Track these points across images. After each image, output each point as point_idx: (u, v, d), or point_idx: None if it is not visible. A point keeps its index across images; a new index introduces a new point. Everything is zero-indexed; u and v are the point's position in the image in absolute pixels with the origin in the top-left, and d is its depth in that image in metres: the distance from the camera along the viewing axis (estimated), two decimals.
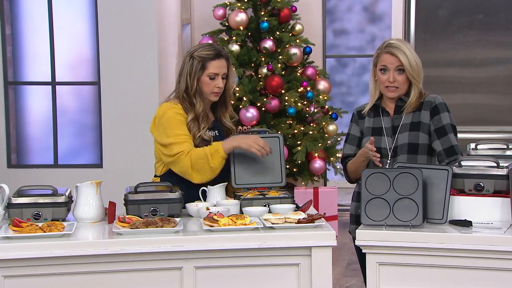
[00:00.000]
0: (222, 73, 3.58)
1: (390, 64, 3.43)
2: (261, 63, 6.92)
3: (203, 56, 3.56)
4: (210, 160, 3.42)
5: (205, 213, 3.16)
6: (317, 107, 7.05)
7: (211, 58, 3.56)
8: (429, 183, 3.05)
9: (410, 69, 3.41)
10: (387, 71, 3.44)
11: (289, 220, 3.06)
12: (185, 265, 2.95)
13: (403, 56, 3.41)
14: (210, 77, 3.56)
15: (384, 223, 3.00)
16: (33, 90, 7.13)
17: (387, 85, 3.45)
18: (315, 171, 6.98)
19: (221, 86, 3.57)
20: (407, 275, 2.96)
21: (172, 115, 3.53)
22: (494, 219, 3.03)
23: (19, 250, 2.86)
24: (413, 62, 3.42)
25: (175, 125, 3.51)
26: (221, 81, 3.57)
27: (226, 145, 3.44)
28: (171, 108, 3.56)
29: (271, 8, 7.03)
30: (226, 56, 3.62)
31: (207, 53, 3.56)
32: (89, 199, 3.24)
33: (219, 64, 3.57)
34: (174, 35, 7.28)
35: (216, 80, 3.56)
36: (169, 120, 3.52)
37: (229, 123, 3.71)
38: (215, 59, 3.56)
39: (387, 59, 3.44)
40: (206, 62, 3.56)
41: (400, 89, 3.45)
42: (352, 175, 3.56)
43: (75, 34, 7.04)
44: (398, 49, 3.42)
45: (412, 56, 3.42)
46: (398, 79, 3.43)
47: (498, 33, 7.03)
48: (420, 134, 3.45)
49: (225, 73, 3.59)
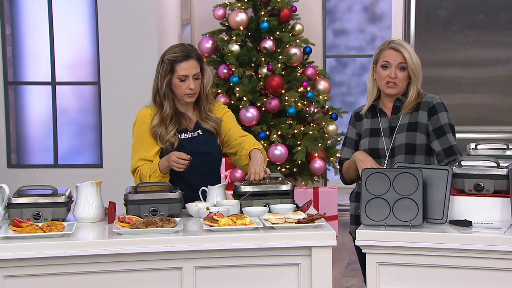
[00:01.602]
0: (192, 74, 3.54)
1: (393, 60, 3.44)
2: (261, 63, 6.92)
3: (171, 58, 3.55)
4: (151, 179, 3.47)
5: (205, 213, 3.16)
6: (317, 107, 7.05)
7: (179, 60, 3.54)
8: (429, 183, 3.05)
9: (412, 66, 3.42)
10: (389, 67, 3.45)
11: (289, 220, 3.06)
12: (185, 265, 2.95)
13: (406, 52, 3.43)
14: (180, 79, 3.54)
15: (384, 223, 3.00)
16: (33, 90, 7.13)
17: (387, 81, 3.45)
18: (315, 171, 6.98)
19: (193, 87, 3.54)
20: (407, 275, 2.96)
21: (136, 128, 3.62)
22: (494, 219, 3.03)
23: (19, 250, 2.86)
24: (415, 60, 3.45)
25: (136, 139, 3.61)
26: (192, 82, 3.53)
27: (161, 165, 3.49)
28: (141, 116, 3.63)
29: (271, 8, 7.03)
30: (197, 56, 3.56)
31: (176, 55, 3.54)
32: (89, 199, 3.24)
33: (188, 66, 3.53)
34: (174, 35, 7.28)
35: (187, 81, 3.54)
36: (135, 133, 3.62)
37: (211, 121, 3.63)
38: (183, 61, 3.53)
39: (390, 54, 3.45)
40: (175, 64, 3.54)
41: (399, 87, 3.46)
42: (345, 175, 3.58)
43: (75, 34, 7.04)
44: (401, 46, 3.44)
45: (413, 53, 3.45)
46: (399, 76, 3.44)
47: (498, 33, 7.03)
48: (418, 135, 3.45)
49: (196, 74, 3.54)
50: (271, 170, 6.80)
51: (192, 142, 3.60)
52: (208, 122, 3.63)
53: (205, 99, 3.63)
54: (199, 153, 3.55)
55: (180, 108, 3.63)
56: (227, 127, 3.67)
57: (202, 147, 3.60)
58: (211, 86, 3.62)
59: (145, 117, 3.61)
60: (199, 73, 3.56)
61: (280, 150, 6.74)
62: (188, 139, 3.60)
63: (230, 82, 6.89)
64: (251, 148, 3.52)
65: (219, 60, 7.16)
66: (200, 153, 3.57)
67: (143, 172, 3.51)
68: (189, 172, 3.48)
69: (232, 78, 6.86)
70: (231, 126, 3.68)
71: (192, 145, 3.58)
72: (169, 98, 3.57)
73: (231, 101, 6.97)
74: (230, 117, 3.72)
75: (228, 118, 3.71)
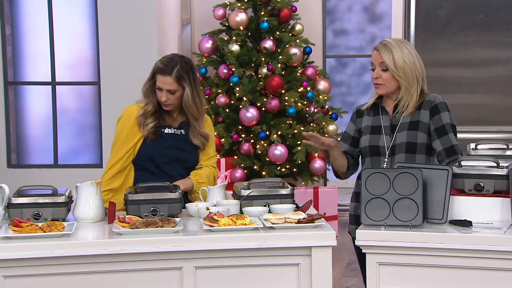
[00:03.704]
0: (165, 89, 3.63)
1: (375, 61, 3.48)
2: (261, 63, 6.92)
3: (155, 66, 3.69)
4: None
5: (205, 213, 3.16)
6: (317, 107, 7.05)
7: (158, 71, 3.66)
8: (429, 183, 3.05)
9: (393, 67, 3.42)
10: (374, 68, 3.47)
11: (289, 220, 3.06)
12: (185, 265, 2.95)
13: (387, 53, 3.42)
14: (158, 88, 3.66)
15: (384, 223, 3.00)
16: (33, 90, 7.13)
17: (374, 82, 3.48)
18: (315, 171, 6.98)
19: (165, 100, 3.63)
20: (407, 275, 2.96)
21: (121, 122, 3.75)
22: (494, 219, 3.03)
23: (19, 250, 2.86)
24: (400, 61, 3.41)
25: (118, 133, 3.74)
26: (164, 95, 3.63)
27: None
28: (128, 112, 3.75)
29: (271, 8, 7.03)
30: (176, 75, 3.61)
31: (158, 66, 3.67)
32: (89, 199, 3.24)
33: (163, 80, 3.63)
34: (174, 35, 7.28)
35: (161, 92, 3.64)
36: (119, 127, 3.76)
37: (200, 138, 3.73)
38: (160, 74, 3.64)
39: (373, 55, 3.49)
40: (156, 73, 3.68)
41: (386, 87, 3.47)
42: (333, 163, 3.60)
43: (75, 34, 7.04)
44: (386, 46, 3.44)
45: (400, 55, 3.41)
46: (382, 76, 3.46)
47: (498, 33, 7.03)
48: (419, 134, 3.45)
49: (171, 90, 3.62)
50: (271, 170, 6.86)
51: (174, 137, 3.72)
52: (196, 138, 3.74)
53: (191, 116, 3.70)
54: (178, 148, 3.70)
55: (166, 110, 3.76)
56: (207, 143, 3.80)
57: (182, 144, 3.73)
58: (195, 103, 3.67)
59: (132, 112, 3.73)
60: (175, 89, 3.63)
61: (280, 150, 6.74)
62: (172, 134, 3.72)
63: (230, 82, 6.89)
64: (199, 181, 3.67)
65: (219, 60, 7.16)
66: (180, 148, 3.71)
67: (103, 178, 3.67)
68: (168, 164, 3.66)
69: (232, 78, 6.86)
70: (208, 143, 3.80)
71: (173, 139, 3.71)
72: (152, 99, 3.70)
73: (231, 101, 6.97)
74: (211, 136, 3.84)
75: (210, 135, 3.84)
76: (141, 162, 3.70)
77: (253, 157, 6.91)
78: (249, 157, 6.89)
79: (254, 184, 3.37)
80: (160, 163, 3.67)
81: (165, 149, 3.69)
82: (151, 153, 3.68)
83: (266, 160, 6.86)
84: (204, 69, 7.12)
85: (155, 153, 3.68)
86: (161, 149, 3.69)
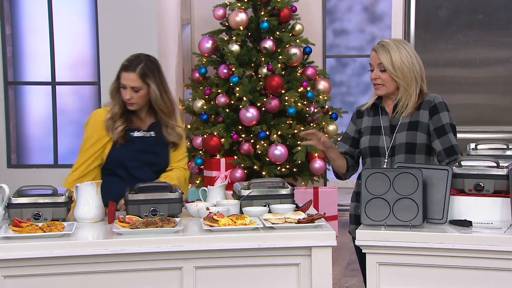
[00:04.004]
0: (129, 86, 3.59)
1: (373, 62, 3.48)
2: (261, 63, 6.92)
3: (121, 65, 3.66)
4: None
5: (205, 213, 3.16)
6: (317, 107, 7.05)
7: (122, 68, 3.64)
8: (429, 183, 3.05)
9: (391, 68, 3.41)
10: (373, 69, 3.47)
11: (289, 220, 3.06)
12: (185, 265, 2.95)
13: (384, 54, 3.42)
14: (122, 87, 3.62)
15: (384, 223, 3.00)
16: (33, 90, 7.13)
17: (373, 83, 3.48)
18: (315, 171, 6.99)
19: (128, 98, 3.60)
20: (407, 275, 2.96)
21: (89, 126, 3.70)
22: (494, 219, 3.03)
23: (19, 250, 2.86)
24: (397, 61, 3.41)
25: (87, 136, 3.69)
26: (128, 93, 3.59)
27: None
28: (95, 115, 3.72)
29: (271, 8, 7.03)
30: (140, 71, 3.60)
31: (123, 63, 3.65)
32: (89, 199, 3.24)
33: (126, 77, 3.60)
34: (174, 35, 7.28)
35: (125, 90, 3.61)
36: (88, 130, 3.70)
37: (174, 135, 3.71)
38: (124, 71, 3.62)
39: (372, 56, 3.49)
40: (120, 71, 3.65)
41: (386, 87, 3.47)
42: (332, 164, 3.60)
43: (75, 34, 7.04)
44: (383, 47, 3.44)
45: (398, 56, 3.40)
46: (381, 77, 3.45)
47: (498, 33, 7.03)
48: (418, 134, 3.45)
49: (135, 87, 3.59)
50: (271, 170, 6.86)
51: (144, 140, 3.68)
52: (171, 135, 3.71)
53: (161, 112, 3.67)
54: (149, 151, 3.67)
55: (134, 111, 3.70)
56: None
57: (153, 146, 3.69)
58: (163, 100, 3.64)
59: (100, 116, 3.69)
60: (138, 87, 3.59)
61: (280, 150, 6.74)
62: (141, 137, 3.69)
63: (230, 82, 6.89)
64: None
65: (219, 60, 7.17)
66: (150, 151, 3.68)
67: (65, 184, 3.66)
68: (138, 168, 3.62)
69: (232, 78, 6.86)
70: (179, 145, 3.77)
71: (143, 142, 3.68)
72: (119, 100, 3.65)
73: (231, 101, 6.97)
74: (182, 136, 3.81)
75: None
76: (111, 167, 3.66)
77: (253, 157, 6.91)
78: (249, 157, 6.89)
79: (254, 184, 3.37)
80: (131, 168, 3.63)
81: (135, 154, 3.65)
82: (121, 158, 3.64)
83: (266, 160, 6.86)
84: (204, 69, 7.12)
85: (125, 158, 3.64)
86: (131, 154, 3.64)
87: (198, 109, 7.08)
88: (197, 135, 7.07)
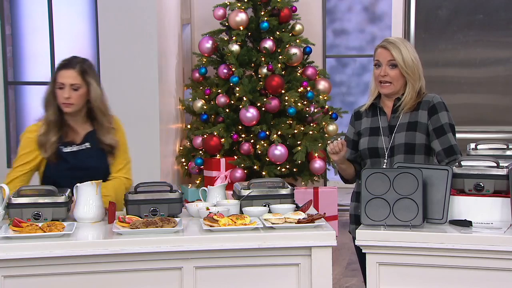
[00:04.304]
0: (69, 83, 3.52)
1: (383, 58, 3.44)
2: (261, 63, 6.92)
3: (57, 66, 3.59)
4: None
5: (205, 213, 3.16)
6: (317, 107, 7.05)
7: (59, 68, 3.58)
8: (429, 183, 3.05)
9: (402, 64, 3.41)
10: (380, 65, 3.45)
11: (289, 220, 3.06)
12: (185, 265, 2.95)
13: (396, 50, 3.41)
14: (59, 87, 3.55)
15: (384, 223, 3.00)
16: (33, 90, 7.13)
17: (380, 80, 3.45)
18: (315, 171, 6.98)
19: (67, 97, 3.52)
20: (407, 275, 2.96)
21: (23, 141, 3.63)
22: (494, 219, 3.03)
23: (19, 250, 2.86)
24: (408, 58, 3.42)
25: (19, 151, 3.62)
26: (67, 92, 3.52)
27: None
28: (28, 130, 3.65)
29: (271, 8, 7.03)
30: (79, 68, 3.56)
31: (60, 63, 3.59)
32: (89, 199, 3.24)
33: (66, 74, 3.54)
34: (174, 35, 7.28)
35: (63, 90, 3.53)
36: (20, 145, 3.63)
37: (109, 140, 3.62)
38: (62, 69, 3.56)
39: (380, 53, 3.46)
40: (57, 72, 3.58)
41: (393, 85, 3.45)
42: (341, 173, 3.59)
43: (75, 34, 7.03)
44: (392, 44, 3.44)
45: (407, 53, 3.42)
46: (390, 74, 3.43)
47: (498, 33, 7.03)
48: (417, 134, 3.44)
49: (75, 84, 3.53)
50: (271, 170, 6.86)
51: (76, 155, 3.59)
52: (107, 137, 3.61)
53: (100, 113, 3.61)
54: (81, 168, 3.56)
55: (68, 121, 3.62)
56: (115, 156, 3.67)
57: (86, 161, 3.60)
58: (102, 101, 3.60)
59: (33, 131, 3.62)
60: (78, 84, 3.54)
61: (280, 150, 6.74)
62: (73, 152, 3.59)
63: (230, 82, 6.89)
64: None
65: (219, 60, 7.16)
66: (82, 167, 3.57)
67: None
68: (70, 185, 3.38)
69: (232, 78, 6.86)
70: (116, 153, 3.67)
71: (75, 159, 3.59)
72: (54, 106, 3.58)
73: (231, 101, 6.97)
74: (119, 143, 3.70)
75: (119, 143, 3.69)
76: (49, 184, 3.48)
77: (253, 157, 6.91)
78: (249, 157, 6.88)
79: (254, 184, 3.37)
80: (66, 186, 3.41)
81: (69, 171, 3.54)
82: (55, 176, 3.55)
83: (266, 160, 6.86)
84: (204, 69, 7.12)
85: (59, 177, 3.54)
86: (63, 172, 3.55)
87: (198, 109, 7.08)
88: (197, 135, 7.07)
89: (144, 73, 6.67)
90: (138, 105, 6.66)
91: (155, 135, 6.68)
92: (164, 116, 6.83)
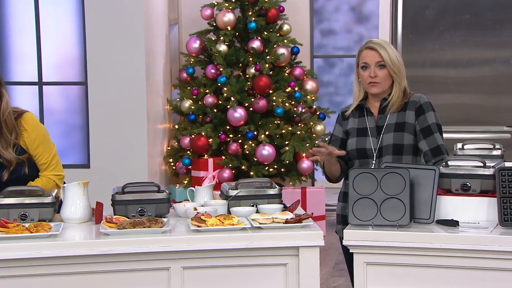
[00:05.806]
0: None
1: (371, 60, 3.45)
2: (248, 63, 6.93)
3: None
4: None
5: (192, 213, 3.15)
6: (305, 107, 7.06)
7: None
8: (416, 183, 3.06)
9: (390, 63, 3.43)
10: (368, 67, 3.46)
11: (276, 220, 3.06)
12: (172, 266, 2.94)
13: (383, 50, 3.43)
14: None
15: (371, 223, 3.00)
16: (19, 90, 7.09)
17: (369, 81, 3.46)
18: (303, 171, 6.99)
19: None
20: (395, 274, 2.96)
21: None
22: (480, 219, 3.05)
23: (6, 251, 2.84)
24: (394, 57, 3.45)
25: None
26: None
27: None
28: None
29: (258, 8, 7.03)
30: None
31: None
32: (76, 199, 3.23)
33: None
34: (162, 35, 7.27)
35: None
36: None
37: (9, 155, 3.50)
38: None
39: (367, 54, 3.47)
40: None
41: (382, 85, 3.47)
42: (327, 172, 3.59)
43: (62, 34, 7.01)
44: (378, 45, 3.45)
45: (393, 52, 3.46)
46: (379, 74, 3.45)
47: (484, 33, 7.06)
48: (405, 135, 3.45)
49: None
50: (259, 170, 6.87)
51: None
52: (6, 152, 3.50)
53: (5, 126, 3.51)
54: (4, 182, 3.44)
55: None
56: (34, 153, 3.59)
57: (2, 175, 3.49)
58: (10, 113, 3.52)
59: None
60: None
61: (268, 150, 6.75)
62: None
63: (218, 82, 6.89)
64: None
65: (207, 60, 7.16)
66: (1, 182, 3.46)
67: None
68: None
69: (219, 78, 6.86)
70: (36, 153, 3.60)
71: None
72: None
73: (218, 101, 6.96)
74: (36, 142, 3.62)
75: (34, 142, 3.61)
76: None
77: (241, 157, 6.91)
78: (237, 157, 6.88)
79: (241, 184, 3.37)
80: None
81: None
82: None
83: (254, 160, 6.86)
84: (191, 69, 7.12)
85: None
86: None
87: (186, 109, 7.08)
88: (185, 135, 7.06)
89: (132, 73, 6.66)
90: (125, 105, 6.64)
91: (142, 135, 6.67)
92: (151, 116, 6.82)
